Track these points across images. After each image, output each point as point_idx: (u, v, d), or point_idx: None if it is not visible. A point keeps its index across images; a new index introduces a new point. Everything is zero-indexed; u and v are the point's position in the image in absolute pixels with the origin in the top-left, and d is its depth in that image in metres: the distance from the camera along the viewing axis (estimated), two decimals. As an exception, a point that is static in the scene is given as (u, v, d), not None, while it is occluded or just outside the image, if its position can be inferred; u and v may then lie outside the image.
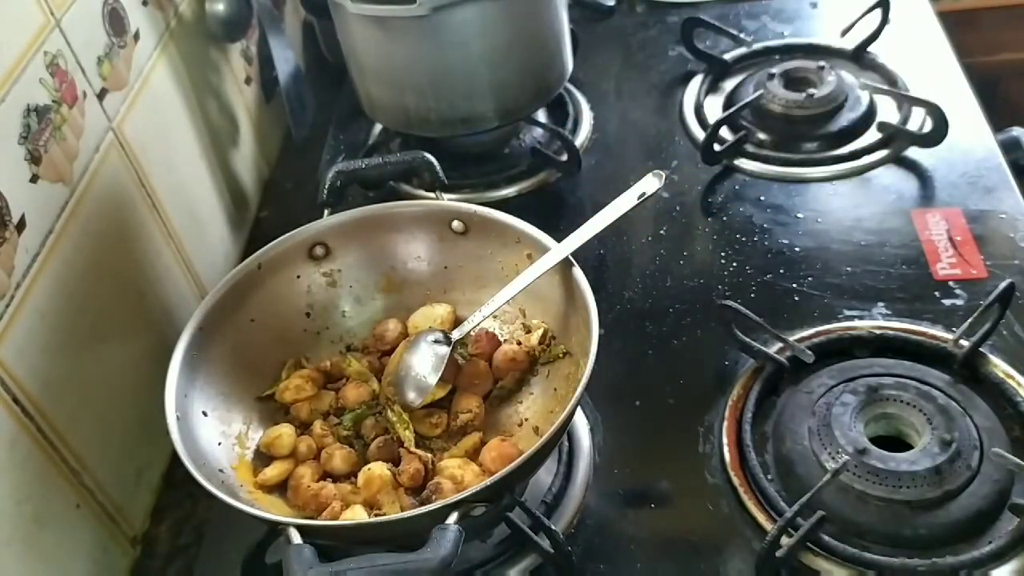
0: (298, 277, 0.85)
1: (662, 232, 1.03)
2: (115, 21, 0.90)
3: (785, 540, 0.71)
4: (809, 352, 0.84)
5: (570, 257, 0.77)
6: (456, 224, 0.85)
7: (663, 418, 0.85)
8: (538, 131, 1.16)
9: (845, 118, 1.09)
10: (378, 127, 1.22)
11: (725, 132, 1.10)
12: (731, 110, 1.10)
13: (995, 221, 0.96)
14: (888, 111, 1.10)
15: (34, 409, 0.73)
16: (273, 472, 0.76)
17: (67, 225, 0.79)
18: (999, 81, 1.64)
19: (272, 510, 0.73)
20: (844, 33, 1.21)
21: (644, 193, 0.80)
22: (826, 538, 0.71)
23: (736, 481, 0.77)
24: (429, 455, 0.76)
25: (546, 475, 0.80)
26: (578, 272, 0.76)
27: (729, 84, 1.20)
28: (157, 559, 0.85)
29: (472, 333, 0.83)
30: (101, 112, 0.87)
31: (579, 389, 0.67)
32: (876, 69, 1.17)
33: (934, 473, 0.72)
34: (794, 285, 0.94)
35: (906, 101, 1.09)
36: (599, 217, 0.79)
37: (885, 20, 1.17)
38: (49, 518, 0.74)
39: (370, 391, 0.82)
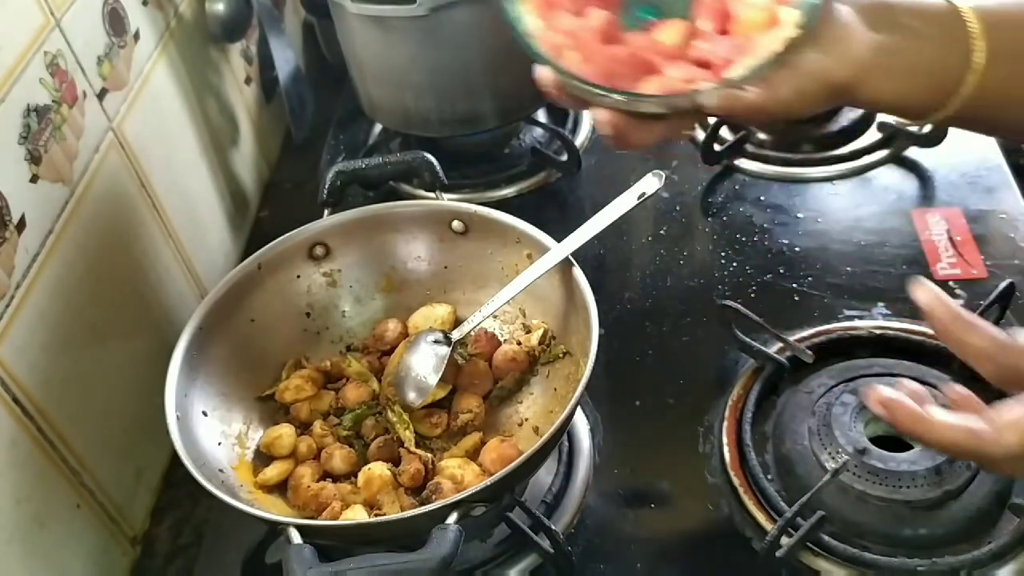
0: (298, 277, 0.85)
1: (662, 232, 1.02)
2: (115, 21, 0.90)
3: (785, 540, 0.71)
4: (809, 352, 0.84)
5: (570, 257, 0.77)
6: (456, 224, 0.85)
7: (663, 418, 0.85)
8: (538, 131, 1.16)
9: (845, 118, 1.09)
10: (378, 127, 1.22)
11: (725, 132, 1.10)
12: (731, 110, 1.10)
13: (995, 221, 0.96)
14: (888, 111, 1.10)
15: (34, 409, 0.73)
16: (273, 472, 0.76)
17: (67, 225, 0.79)
18: (999, 81, 1.63)
19: (272, 510, 0.73)
20: (844, 33, 1.21)
21: (644, 193, 0.80)
22: (826, 538, 0.71)
23: (736, 481, 0.77)
24: (429, 455, 0.76)
25: (546, 475, 0.79)
26: (578, 272, 0.76)
27: (729, 84, 1.20)
28: (157, 559, 0.85)
29: (472, 333, 0.83)
30: (101, 112, 0.87)
31: (579, 389, 0.67)
32: (876, 69, 1.16)
33: (934, 473, 0.72)
34: (794, 285, 0.94)
35: (906, 101, 1.09)
36: (599, 217, 0.79)
37: (885, 20, 1.17)
38: (49, 518, 0.74)
39: (370, 391, 0.82)
